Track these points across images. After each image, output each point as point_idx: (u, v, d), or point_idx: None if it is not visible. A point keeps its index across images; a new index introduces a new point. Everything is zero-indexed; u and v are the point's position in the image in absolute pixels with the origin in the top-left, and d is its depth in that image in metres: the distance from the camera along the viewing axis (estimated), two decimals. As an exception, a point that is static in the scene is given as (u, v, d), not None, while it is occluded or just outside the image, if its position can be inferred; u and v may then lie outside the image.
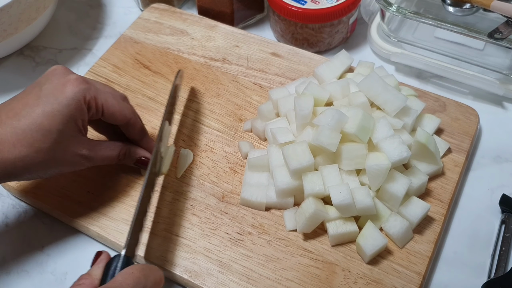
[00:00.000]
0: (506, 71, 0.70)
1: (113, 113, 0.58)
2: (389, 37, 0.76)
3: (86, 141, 0.57)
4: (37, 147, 0.53)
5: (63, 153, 0.55)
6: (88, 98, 0.55)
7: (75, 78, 0.55)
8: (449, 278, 0.59)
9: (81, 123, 0.56)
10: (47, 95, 0.54)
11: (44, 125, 0.53)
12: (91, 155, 0.57)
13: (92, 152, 0.57)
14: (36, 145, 0.53)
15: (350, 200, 0.55)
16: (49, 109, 0.53)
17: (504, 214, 0.62)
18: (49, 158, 0.54)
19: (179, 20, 0.80)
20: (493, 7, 0.67)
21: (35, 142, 0.53)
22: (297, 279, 0.56)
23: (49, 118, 0.53)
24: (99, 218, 0.62)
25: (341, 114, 0.58)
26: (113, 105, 0.58)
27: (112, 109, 0.58)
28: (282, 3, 0.74)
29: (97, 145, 0.58)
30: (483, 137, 0.69)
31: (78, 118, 0.55)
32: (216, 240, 0.59)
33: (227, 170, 0.65)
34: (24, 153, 0.53)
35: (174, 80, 0.67)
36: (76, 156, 0.56)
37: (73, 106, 0.54)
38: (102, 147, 0.59)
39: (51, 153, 0.54)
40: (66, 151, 0.55)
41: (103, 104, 0.57)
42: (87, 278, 0.48)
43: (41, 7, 0.75)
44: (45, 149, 0.53)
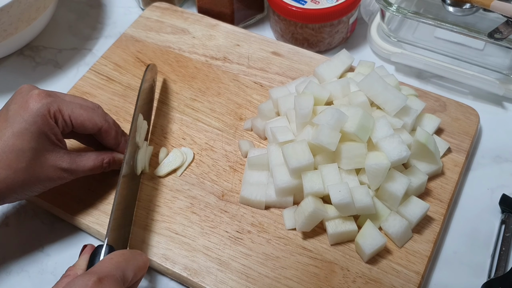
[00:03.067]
0: (506, 71, 0.70)
1: (82, 123, 0.58)
2: (389, 37, 0.76)
3: (64, 154, 0.57)
4: (15, 168, 0.53)
5: (42, 169, 0.55)
6: (52, 110, 0.55)
7: (37, 93, 0.55)
8: (448, 278, 0.59)
9: (53, 137, 0.56)
10: (13, 116, 0.54)
11: (17, 145, 0.53)
12: (72, 168, 0.57)
13: (73, 165, 0.57)
14: (14, 166, 0.53)
15: (349, 199, 0.55)
16: (17, 129, 0.54)
17: (504, 214, 0.62)
18: (29, 176, 0.54)
19: (180, 19, 0.80)
20: (493, 7, 0.67)
21: (11, 163, 0.53)
22: (296, 277, 0.56)
23: (19, 138, 0.53)
24: (99, 215, 0.62)
25: (341, 113, 0.58)
26: (81, 114, 0.57)
27: (80, 119, 0.57)
28: (282, 3, 0.74)
29: (78, 156, 0.58)
30: (483, 137, 0.69)
31: (49, 132, 0.55)
32: (216, 238, 0.59)
33: (227, 169, 0.65)
34: (4, 175, 0.53)
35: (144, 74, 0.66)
36: (57, 170, 0.56)
37: (40, 122, 0.54)
38: (84, 158, 0.59)
39: (30, 171, 0.54)
40: (45, 167, 0.55)
41: (70, 115, 0.57)
42: (72, 269, 0.50)
43: (41, 7, 0.75)
44: (23, 169, 0.54)
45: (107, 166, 0.61)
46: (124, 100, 0.72)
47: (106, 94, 0.73)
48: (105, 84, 0.74)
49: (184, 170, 0.65)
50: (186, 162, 0.65)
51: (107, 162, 0.61)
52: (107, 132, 0.60)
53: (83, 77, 0.75)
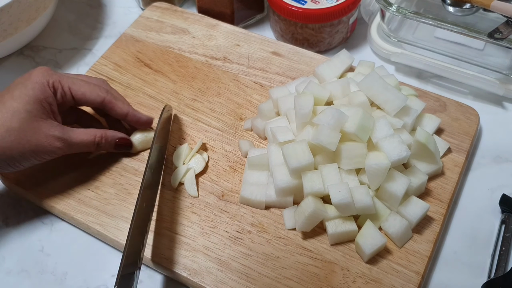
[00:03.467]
0: (506, 71, 0.70)
1: (83, 94, 0.60)
2: (389, 37, 0.76)
3: (57, 125, 0.59)
4: (8, 126, 0.56)
5: (34, 133, 0.57)
6: (51, 81, 0.59)
7: (41, 67, 0.60)
8: (448, 278, 0.59)
9: (48, 106, 0.58)
10: (15, 84, 0.59)
11: (13, 106, 0.57)
12: (64, 137, 0.59)
13: (65, 135, 0.59)
14: (6, 124, 0.56)
15: (349, 199, 0.55)
16: (17, 93, 0.57)
17: (504, 214, 0.62)
18: (20, 137, 0.56)
19: (180, 18, 0.80)
20: (493, 7, 0.67)
21: (5, 122, 0.56)
22: (296, 277, 0.56)
23: (16, 100, 0.57)
24: (99, 216, 0.62)
25: (341, 113, 0.58)
26: (81, 86, 0.61)
27: (81, 90, 0.60)
28: (282, 3, 0.74)
29: (71, 130, 0.60)
30: (483, 137, 0.69)
31: (44, 101, 0.58)
32: (216, 238, 0.59)
33: (227, 169, 0.65)
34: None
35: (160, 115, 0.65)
36: (48, 137, 0.58)
37: (37, 89, 0.58)
38: (76, 131, 0.60)
39: (22, 133, 0.56)
40: (37, 132, 0.57)
41: (70, 87, 0.60)
42: None
43: (41, 7, 0.75)
44: (15, 128, 0.56)
45: (99, 141, 0.62)
46: (124, 100, 0.72)
47: (106, 94, 0.73)
48: (105, 84, 0.74)
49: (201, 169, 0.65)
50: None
51: (100, 137, 0.62)
52: (111, 102, 0.62)
53: (83, 77, 0.75)
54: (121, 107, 0.63)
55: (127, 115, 0.64)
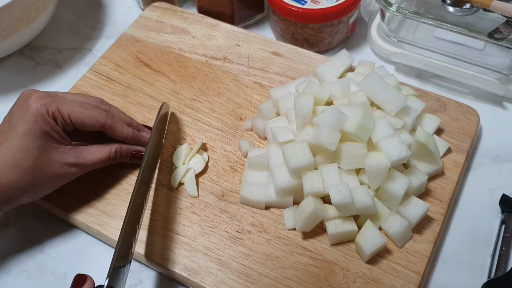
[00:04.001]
0: (506, 71, 0.70)
1: (82, 121, 0.59)
2: (389, 37, 0.76)
3: (70, 149, 0.58)
4: (22, 166, 0.55)
5: (49, 166, 0.57)
6: (51, 110, 0.57)
7: (36, 95, 0.57)
8: (448, 278, 0.59)
9: (56, 135, 0.57)
10: (16, 118, 0.56)
11: (22, 145, 0.55)
12: (79, 162, 0.58)
13: (79, 159, 0.58)
14: (21, 165, 0.55)
15: (349, 199, 0.55)
16: (21, 129, 0.55)
17: (504, 214, 0.62)
18: (37, 174, 0.56)
19: (180, 19, 0.80)
20: (493, 7, 0.67)
21: (18, 162, 0.55)
22: (296, 277, 0.56)
23: (23, 138, 0.55)
24: (99, 216, 0.62)
25: (341, 113, 0.58)
26: (81, 113, 0.58)
27: (81, 117, 0.58)
28: (282, 3, 0.74)
29: (84, 150, 0.59)
30: (483, 137, 0.69)
31: (50, 131, 0.57)
32: (216, 238, 0.59)
33: (227, 169, 0.65)
34: (13, 176, 0.55)
35: (158, 113, 0.65)
36: (63, 165, 0.57)
37: (40, 121, 0.56)
38: (90, 151, 0.60)
39: (37, 170, 0.56)
40: (52, 164, 0.57)
41: (69, 114, 0.58)
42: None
43: (41, 7, 0.75)
44: (30, 167, 0.55)
45: (114, 156, 0.61)
46: (124, 100, 0.72)
47: (106, 94, 0.73)
48: (105, 84, 0.74)
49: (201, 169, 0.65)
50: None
51: (114, 152, 0.61)
52: (111, 127, 0.61)
53: (83, 77, 0.75)
54: (120, 131, 0.62)
55: (127, 138, 0.63)
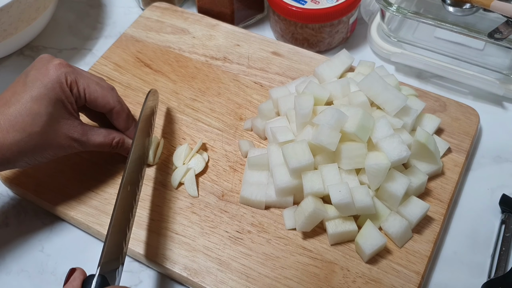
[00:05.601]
0: (506, 71, 0.70)
1: (95, 99, 0.59)
2: (389, 37, 0.76)
3: (78, 124, 0.58)
4: (29, 131, 0.55)
5: (55, 135, 0.56)
6: (69, 80, 0.57)
7: (57, 62, 0.57)
8: (448, 278, 0.59)
9: (69, 106, 0.57)
10: (33, 81, 0.56)
11: (34, 109, 0.55)
12: (83, 139, 0.59)
13: (84, 137, 0.59)
14: (28, 129, 0.54)
15: (349, 199, 0.55)
16: (36, 93, 0.55)
17: (504, 214, 0.62)
18: (42, 141, 0.56)
19: (180, 19, 0.80)
20: (493, 7, 0.67)
21: (26, 126, 0.54)
22: (296, 277, 0.56)
23: (37, 102, 0.55)
24: (99, 215, 0.62)
25: (341, 113, 0.58)
26: (96, 90, 0.59)
27: (94, 94, 0.59)
28: (282, 3, 0.74)
29: (90, 130, 0.59)
30: (483, 137, 0.69)
31: (66, 101, 0.57)
32: (216, 238, 0.59)
33: (227, 169, 0.65)
34: (18, 138, 0.54)
35: (145, 99, 0.64)
36: (68, 139, 0.57)
37: (58, 89, 0.56)
38: (95, 133, 0.60)
39: (43, 136, 0.55)
40: (58, 134, 0.57)
41: (84, 88, 0.58)
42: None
43: (41, 7, 0.75)
44: (37, 133, 0.55)
45: (115, 145, 0.61)
46: (124, 100, 0.71)
47: (106, 94, 0.73)
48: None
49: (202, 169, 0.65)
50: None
51: (117, 141, 0.61)
52: (118, 113, 0.61)
53: (83, 77, 0.75)
54: (125, 120, 0.62)
55: (127, 130, 0.63)
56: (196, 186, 0.63)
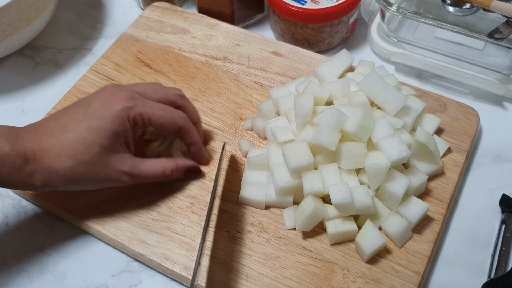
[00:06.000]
0: (506, 71, 0.70)
1: (162, 124, 0.59)
2: (389, 37, 0.76)
3: (128, 157, 0.58)
4: (79, 159, 0.55)
5: (104, 167, 0.56)
6: (132, 115, 0.57)
7: (121, 96, 0.57)
8: (448, 278, 0.59)
9: (123, 139, 0.57)
10: (94, 111, 0.56)
11: (88, 139, 0.55)
12: (133, 172, 0.58)
13: (134, 170, 0.58)
14: (78, 157, 0.55)
15: (349, 199, 0.55)
16: (94, 125, 0.55)
17: (504, 214, 0.62)
18: (89, 170, 0.56)
19: (180, 18, 0.80)
20: (493, 7, 0.67)
21: (77, 154, 0.55)
22: (296, 277, 0.56)
23: (93, 133, 0.55)
24: (99, 215, 0.62)
25: (341, 113, 0.58)
26: (161, 116, 0.59)
27: (161, 120, 0.59)
28: (282, 3, 0.74)
29: (141, 162, 0.59)
30: (483, 137, 0.69)
31: (121, 135, 0.57)
32: (216, 238, 0.59)
33: (227, 169, 0.65)
34: (67, 164, 0.55)
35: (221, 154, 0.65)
36: (117, 171, 0.57)
37: (117, 123, 0.56)
38: (146, 164, 0.59)
39: (91, 166, 0.56)
40: (107, 166, 0.57)
41: (150, 118, 0.58)
42: None
43: (41, 7, 0.75)
44: (85, 162, 0.55)
45: (169, 174, 0.61)
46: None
47: (106, 94, 0.73)
48: (105, 84, 0.74)
49: None
50: None
51: (170, 169, 0.61)
52: (186, 132, 0.61)
53: (83, 77, 0.75)
54: (193, 137, 0.62)
55: (193, 145, 0.63)
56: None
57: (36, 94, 0.78)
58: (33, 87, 0.79)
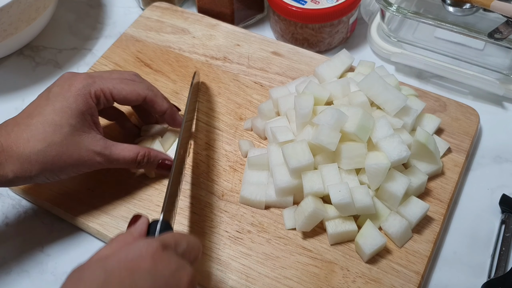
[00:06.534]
0: (506, 71, 0.70)
1: (125, 96, 0.59)
2: (389, 37, 0.76)
3: (100, 138, 0.58)
4: (50, 140, 0.55)
5: (75, 147, 0.56)
6: (93, 91, 0.57)
7: (80, 77, 0.58)
8: (448, 278, 0.59)
9: (90, 118, 0.57)
10: (55, 95, 0.56)
11: (55, 120, 0.55)
12: (105, 153, 0.58)
13: (106, 150, 0.58)
14: (49, 139, 0.55)
15: (349, 199, 0.55)
16: (58, 106, 0.56)
17: (504, 214, 0.62)
18: (62, 152, 0.55)
19: (180, 18, 0.80)
20: (493, 7, 0.67)
21: (47, 136, 0.55)
22: (296, 277, 0.56)
23: (59, 114, 0.55)
24: (99, 215, 0.62)
25: (340, 113, 0.58)
26: (122, 89, 0.59)
27: (123, 93, 0.59)
28: (282, 3, 0.74)
29: (113, 145, 0.59)
30: (483, 137, 0.69)
31: (87, 113, 0.57)
32: (215, 238, 0.59)
33: (227, 169, 0.65)
34: (38, 147, 0.54)
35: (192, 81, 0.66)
36: (90, 152, 0.57)
37: (80, 101, 0.56)
38: (119, 147, 0.59)
39: (64, 147, 0.55)
40: (79, 147, 0.56)
41: (111, 92, 0.58)
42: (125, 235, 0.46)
43: (41, 7, 0.75)
44: (57, 143, 0.55)
45: (141, 160, 0.60)
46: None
47: (106, 94, 0.73)
48: (105, 84, 0.74)
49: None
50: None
51: (142, 155, 0.60)
52: (152, 100, 0.61)
53: (83, 77, 0.75)
54: (161, 104, 0.62)
55: (165, 112, 0.63)
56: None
57: (36, 94, 0.76)
58: (33, 87, 0.79)
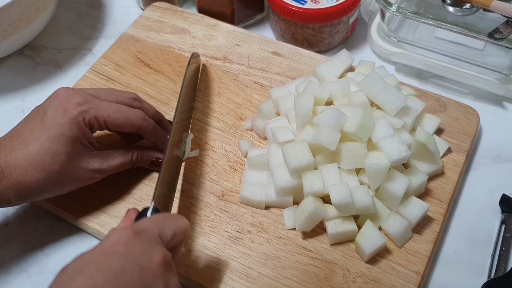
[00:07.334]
0: (506, 71, 0.71)
1: (118, 126, 0.59)
2: (389, 37, 0.76)
3: (96, 155, 0.59)
4: (48, 169, 0.56)
5: (74, 171, 0.57)
6: (88, 118, 0.57)
7: (75, 100, 0.58)
8: (448, 278, 0.59)
9: (86, 141, 0.58)
10: (51, 120, 0.56)
11: (52, 149, 0.56)
12: (103, 167, 0.59)
13: (103, 165, 0.59)
14: (47, 168, 0.56)
15: (349, 199, 0.55)
16: (54, 133, 0.56)
17: (504, 214, 0.62)
18: (61, 178, 0.57)
19: (180, 18, 0.80)
20: (493, 7, 0.67)
21: (45, 165, 0.55)
22: (296, 277, 0.56)
23: (55, 142, 0.56)
24: (99, 215, 0.62)
25: (340, 113, 0.58)
26: (117, 118, 0.59)
27: (117, 122, 0.59)
28: (282, 3, 0.74)
29: (108, 156, 0.60)
30: (483, 137, 0.69)
31: (82, 138, 0.57)
32: (215, 238, 0.59)
33: (227, 169, 0.65)
34: (37, 177, 0.55)
35: (188, 64, 0.66)
36: (88, 171, 0.58)
37: (75, 129, 0.57)
38: (114, 156, 0.60)
39: (62, 174, 0.57)
40: (77, 169, 0.58)
41: (105, 121, 0.58)
42: (115, 229, 0.48)
43: (41, 7, 0.75)
44: (56, 170, 0.56)
45: (136, 161, 0.62)
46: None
47: (106, 94, 0.73)
48: (105, 84, 0.74)
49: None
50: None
51: (136, 156, 0.62)
52: (145, 131, 0.61)
53: (83, 77, 0.75)
54: (153, 133, 0.62)
55: (157, 142, 0.63)
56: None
57: (36, 94, 0.78)
58: (33, 87, 0.79)
